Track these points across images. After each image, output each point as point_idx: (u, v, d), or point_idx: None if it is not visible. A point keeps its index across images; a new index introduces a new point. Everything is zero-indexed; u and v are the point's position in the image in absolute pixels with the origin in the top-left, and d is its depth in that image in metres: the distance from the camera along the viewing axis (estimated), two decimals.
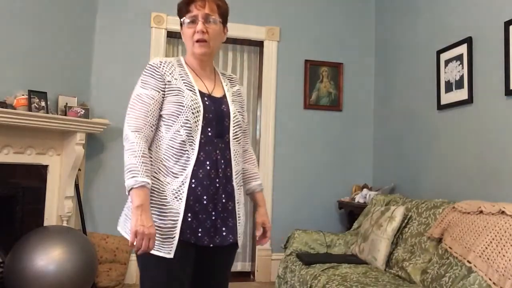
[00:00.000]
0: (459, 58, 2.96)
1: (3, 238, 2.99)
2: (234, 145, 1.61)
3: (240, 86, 1.80)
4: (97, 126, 3.42)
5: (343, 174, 4.10)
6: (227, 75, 1.78)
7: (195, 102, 1.54)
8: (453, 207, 2.41)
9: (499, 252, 1.91)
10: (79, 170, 3.41)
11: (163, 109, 1.54)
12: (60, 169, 3.34)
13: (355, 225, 3.32)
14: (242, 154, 1.71)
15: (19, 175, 3.08)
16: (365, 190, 3.66)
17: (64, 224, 3.30)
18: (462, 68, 2.92)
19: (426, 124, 3.31)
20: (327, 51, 4.15)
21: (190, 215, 1.49)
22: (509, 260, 1.84)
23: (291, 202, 4.00)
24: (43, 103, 3.05)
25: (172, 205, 1.48)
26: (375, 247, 2.70)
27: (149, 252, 1.43)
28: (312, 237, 3.12)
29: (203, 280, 1.62)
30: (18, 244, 2.84)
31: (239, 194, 1.64)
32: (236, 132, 1.62)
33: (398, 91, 3.76)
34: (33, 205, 3.18)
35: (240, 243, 1.65)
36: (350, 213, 3.74)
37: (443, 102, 3.10)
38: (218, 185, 1.54)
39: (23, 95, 2.97)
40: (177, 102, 1.53)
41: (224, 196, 1.55)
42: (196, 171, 1.51)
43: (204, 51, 1.60)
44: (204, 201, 1.51)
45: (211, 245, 1.54)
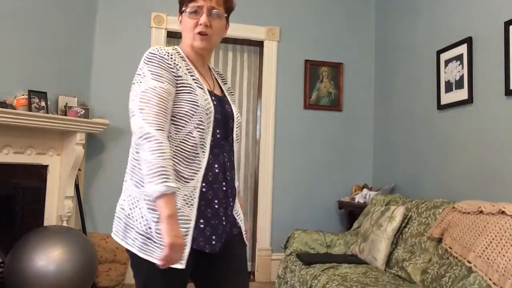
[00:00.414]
0: (459, 58, 2.96)
1: (3, 238, 2.99)
2: (235, 147, 1.55)
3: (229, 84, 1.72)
4: (97, 126, 3.42)
5: (343, 174, 4.10)
6: (216, 70, 1.68)
7: (208, 102, 1.43)
8: (453, 207, 2.41)
9: (499, 252, 1.91)
10: (79, 170, 3.41)
11: (174, 108, 1.39)
12: (60, 169, 3.34)
13: (355, 225, 3.32)
14: None
15: (19, 175, 3.08)
16: (365, 190, 3.66)
17: (64, 224, 3.30)
18: (462, 68, 2.92)
19: (426, 124, 3.31)
20: (327, 51, 4.15)
21: (202, 221, 1.40)
22: (509, 260, 1.84)
23: (291, 202, 4.00)
24: (43, 103, 3.05)
25: (183, 211, 1.36)
26: (375, 247, 2.70)
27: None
28: (312, 237, 3.13)
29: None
30: (18, 244, 2.84)
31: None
32: (237, 133, 1.56)
33: (398, 91, 3.76)
34: (33, 205, 3.18)
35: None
36: (350, 213, 3.74)
37: (443, 102, 3.10)
38: (225, 188, 1.46)
39: (23, 95, 2.97)
40: (191, 101, 1.40)
41: (231, 199, 1.49)
42: (206, 174, 1.41)
43: (204, 45, 1.48)
44: (216, 206, 1.43)
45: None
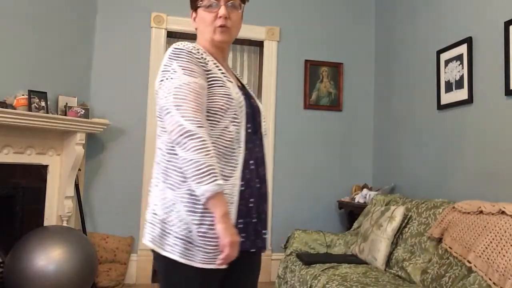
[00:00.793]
0: (459, 58, 2.96)
1: (3, 238, 2.99)
2: (264, 142, 1.49)
3: None
4: (97, 126, 3.42)
5: (343, 174, 4.10)
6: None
7: (239, 95, 1.38)
8: (453, 207, 2.41)
9: (499, 252, 1.91)
10: (79, 170, 3.41)
11: (208, 102, 1.32)
12: (60, 169, 3.34)
13: (355, 225, 3.32)
14: None
15: (19, 175, 3.08)
16: (365, 190, 3.66)
17: (64, 224, 3.30)
18: (462, 68, 2.92)
19: (426, 124, 3.31)
20: (327, 51, 4.15)
21: (241, 220, 1.35)
22: (509, 260, 1.84)
23: (291, 202, 4.00)
24: (43, 103, 3.05)
25: None
26: (375, 247, 2.70)
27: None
28: (312, 237, 3.12)
29: None
30: (18, 244, 2.84)
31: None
32: (265, 128, 1.51)
33: (398, 91, 3.76)
34: (33, 205, 3.18)
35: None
36: (350, 213, 3.74)
37: (443, 102, 3.10)
38: (258, 185, 1.41)
39: (23, 95, 2.97)
40: (224, 94, 1.34)
41: (263, 198, 1.43)
42: (243, 171, 1.36)
43: (225, 38, 1.43)
44: (251, 204, 1.38)
45: (252, 250, 1.40)
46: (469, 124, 2.86)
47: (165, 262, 1.31)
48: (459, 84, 2.95)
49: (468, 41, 2.86)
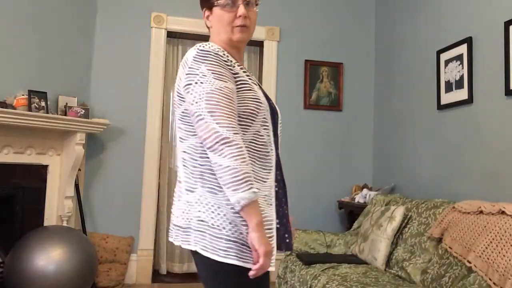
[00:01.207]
0: (459, 58, 2.96)
1: (3, 238, 2.99)
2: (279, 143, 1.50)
3: None
4: (97, 126, 3.42)
5: (343, 174, 4.10)
6: None
7: (264, 98, 1.39)
8: (453, 207, 2.41)
9: (499, 252, 1.91)
10: (79, 170, 3.41)
11: (238, 107, 1.30)
12: (60, 169, 3.34)
13: (355, 225, 3.32)
14: None
15: (19, 175, 3.08)
16: (365, 190, 3.66)
17: (64, 224, 3.30)
18: (462, 68, 2.92)
19: (426, 124, 3.31)
20: (327, 51, 4.15)
21: (278, 221, 1.37)
22: (509, 260, 1.84)
23: (291, 202, 3.99)
24: (43, 103, 3.06)
25: (267, 212, 1.31)
26: (375, 247, 2.70)
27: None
28: (312, 237, 3.13)
29: None
30: (18, 244, 2.84)
31: None
32: (281, 129, 1.52)
33: (398, 91, 3.76)
34: (33, 205, 3.18)
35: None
36: (350, 213, 3.74)
37: (443, 102, 3.10)
38: (282, 184, 1.44)
39: (23, 95, 2.97)
40: (254, 98, 1.33)
41: (286, 198, 1.47)
42: (276, 173, 1.39)
43: (245, 37, 1.40)
44: (283, 205, 1.41)
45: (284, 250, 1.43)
46: (469, 124, 2.86)
47: (222, 269, 1.27)
48: (459, 84, 2.95)
49: (468, 41, 2.86)
